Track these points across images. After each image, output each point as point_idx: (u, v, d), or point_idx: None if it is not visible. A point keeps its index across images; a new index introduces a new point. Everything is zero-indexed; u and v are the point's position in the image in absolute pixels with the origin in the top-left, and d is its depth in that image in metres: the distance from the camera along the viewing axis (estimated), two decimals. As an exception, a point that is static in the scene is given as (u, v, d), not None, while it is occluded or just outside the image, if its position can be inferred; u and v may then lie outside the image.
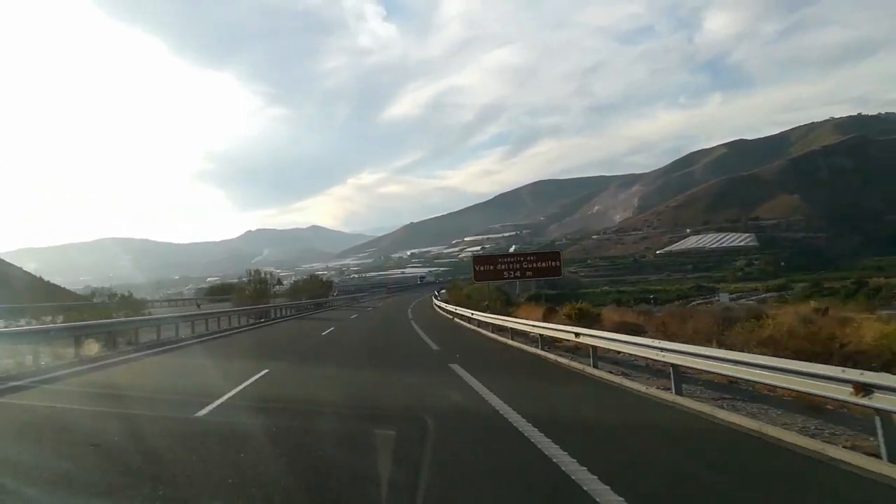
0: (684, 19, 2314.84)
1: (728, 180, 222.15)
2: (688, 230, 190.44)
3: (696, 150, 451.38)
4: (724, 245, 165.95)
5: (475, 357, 13.85)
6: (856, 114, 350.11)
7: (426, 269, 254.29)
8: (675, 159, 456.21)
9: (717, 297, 73.90)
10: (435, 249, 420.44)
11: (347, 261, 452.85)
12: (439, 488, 4.28)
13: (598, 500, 4.06)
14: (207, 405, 7.70)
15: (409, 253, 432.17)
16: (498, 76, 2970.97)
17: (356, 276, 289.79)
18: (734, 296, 75.78)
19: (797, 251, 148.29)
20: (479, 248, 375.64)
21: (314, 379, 11.35)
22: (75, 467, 5.08)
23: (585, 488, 4.28)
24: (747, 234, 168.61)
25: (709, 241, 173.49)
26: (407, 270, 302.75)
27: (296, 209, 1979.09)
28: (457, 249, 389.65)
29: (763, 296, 74.05)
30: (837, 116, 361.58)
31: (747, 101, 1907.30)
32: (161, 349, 16.47)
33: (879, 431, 4.83)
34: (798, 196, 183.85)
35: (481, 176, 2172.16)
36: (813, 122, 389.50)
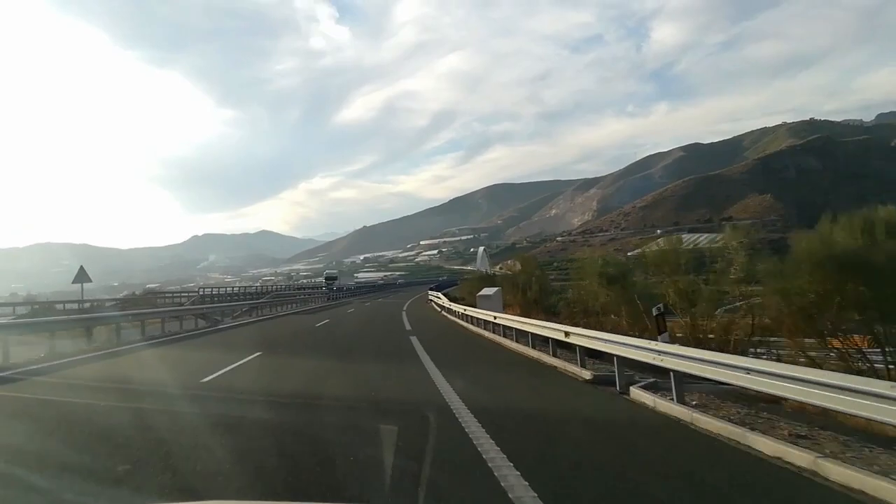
0: (633, 29, 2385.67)
1: (696, 180, 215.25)
2: (658, 231, 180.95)
3: (652, 153, 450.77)
4: (700, 246, 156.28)
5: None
6: (808, 119, 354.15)
7: (380, 274, 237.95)
8: (630, 163, 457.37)
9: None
10: (389, 253, 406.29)
11: (297, 266, 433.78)
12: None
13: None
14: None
15: (361, 258, 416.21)
16: (450, 82, 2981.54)
17: (305, 281, 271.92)
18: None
19: (775, 252, 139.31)
20: (436, 251, 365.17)
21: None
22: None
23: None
24: (722, 235, 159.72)
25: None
26: (359, 275, 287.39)
27: (246, 214, 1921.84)
28: (413, 253, 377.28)
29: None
30: (790, 121, 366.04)
31: (692, 111, 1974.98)
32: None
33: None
34: (771, 195, 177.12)
35: (435, 181, 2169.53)
36: (765, 127, 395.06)
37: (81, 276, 20.07)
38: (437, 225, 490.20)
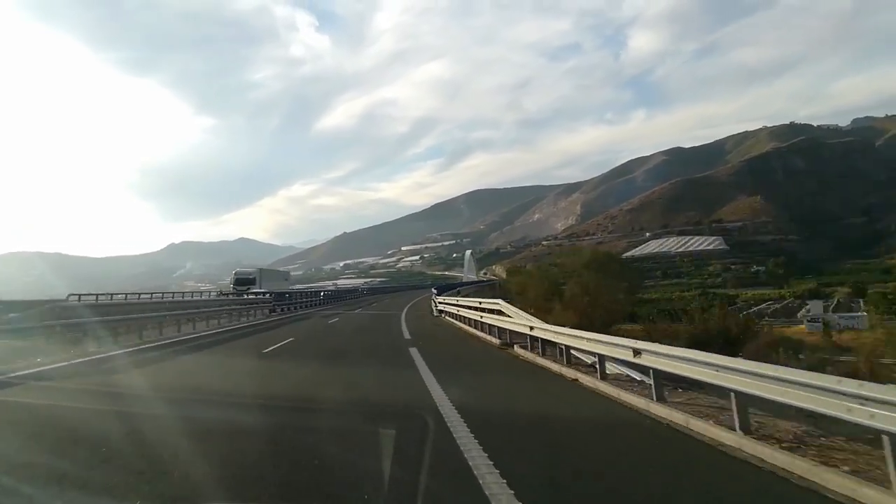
0: (610, 37, 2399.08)
1: (683, 182, 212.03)
2: (647, 234, 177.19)
3: (634, 157, 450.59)
4: (690, 249, 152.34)
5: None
6: (789, 123, 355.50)
7: (361, 281, 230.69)
8: (612, 167, 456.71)
9: (807, 311, 55.37)
10: (370, 260, 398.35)
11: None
12: None
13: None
14: None
15: (341, 264, 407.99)
16: (431, 89, 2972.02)
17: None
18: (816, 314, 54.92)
19: (770, 255, 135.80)
20: (417, 257, 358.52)
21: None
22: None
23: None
24: (715, 238, 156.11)
25: (673, 245, 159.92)
26: (339, 282, 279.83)
27: (225, 221, 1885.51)
28: (394, 259, 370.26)
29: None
30: (770, 126, 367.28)
31: (669, 117, 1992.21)
32: None
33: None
34: (761, 197, 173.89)
35: (415, 188, 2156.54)
36: (746, 131, 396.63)
37: None
38: (419, 230, 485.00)
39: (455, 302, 22.56)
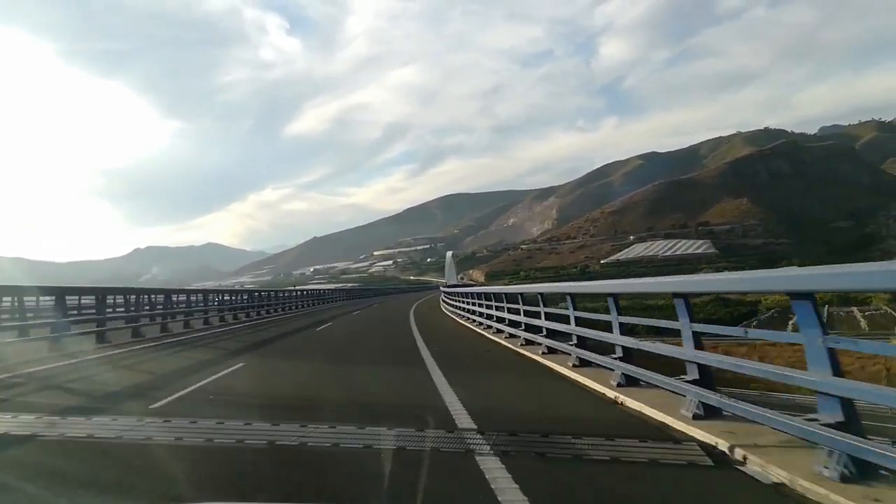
0: (582, 45, 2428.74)
1: (667, 185, 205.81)
2: (632, 237, 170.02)
3: (610, 161, 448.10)
4: (678, 253, 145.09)
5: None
6: (763, 128, 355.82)
7: (332, 286, 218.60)
8: (589, 171, 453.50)
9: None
10: (341, 265, 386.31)
11: (243, 279, 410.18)
12: None
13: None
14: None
15: (311, 269, 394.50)
16: (403, 94, 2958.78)
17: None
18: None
19: (761, 259, 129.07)
20: (390, 261, 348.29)
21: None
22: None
23: None
24: (703, 241, 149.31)
25: (659, 248, 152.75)
26: (309, 287, 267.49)
27: (193, 226, 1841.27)
28: (366, 264, 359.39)
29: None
30: (744, 131, 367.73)
31: (640, 125, 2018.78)
32: None
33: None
34: (748, 200, 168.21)
35: (388, 193, 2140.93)
36: (720, 137, 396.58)
37: None
38: (392, 235, 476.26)
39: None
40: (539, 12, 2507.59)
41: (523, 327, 11.71)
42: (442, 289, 38.18)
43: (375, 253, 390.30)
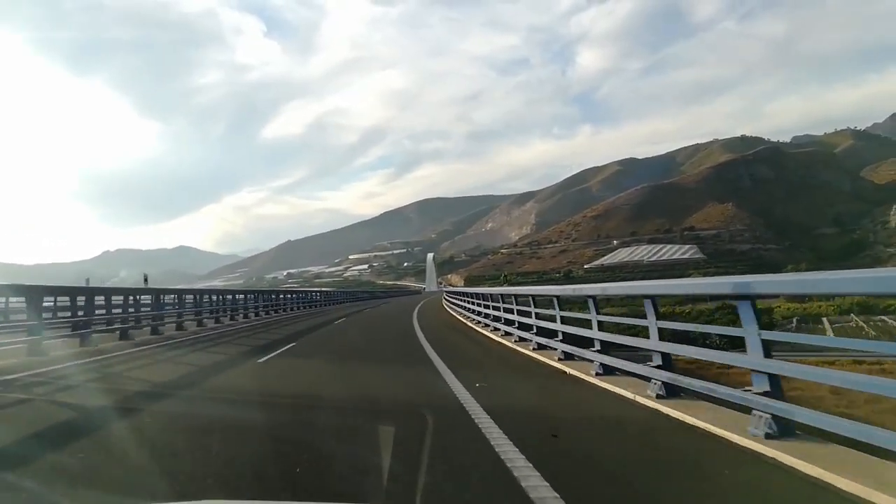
0: (558, 53, 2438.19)
1: (650, 189, 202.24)
2: (615, 241, 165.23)
3: (588, 167, 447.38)
4: (664, 258, 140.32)
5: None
6: (739, 136, 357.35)
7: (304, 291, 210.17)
8: (567, 177, 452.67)
9: None
10: (315, 269, 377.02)
11: (215, 282, 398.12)
12: None
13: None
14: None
15: (284, 273, 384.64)
16: (381, 99, 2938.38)
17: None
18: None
19: (751, 265, 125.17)
20: (366, 266, 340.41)
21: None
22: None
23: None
24: (689, 246, 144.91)
25: (644, 253, 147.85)
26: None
27: (165, 229, 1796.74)
28: (341, 268, 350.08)
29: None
30: (722, 138, 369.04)
31: (614, 133, 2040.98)
32: None
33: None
34: (733, 204, 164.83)
35: (365, 198, 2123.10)
36: (698, 144, 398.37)
37: None
38: (368, 239, 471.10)
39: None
40: (517, 20, 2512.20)
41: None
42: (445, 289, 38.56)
43: (351, 257, 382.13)
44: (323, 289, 78.75)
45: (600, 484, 3.73)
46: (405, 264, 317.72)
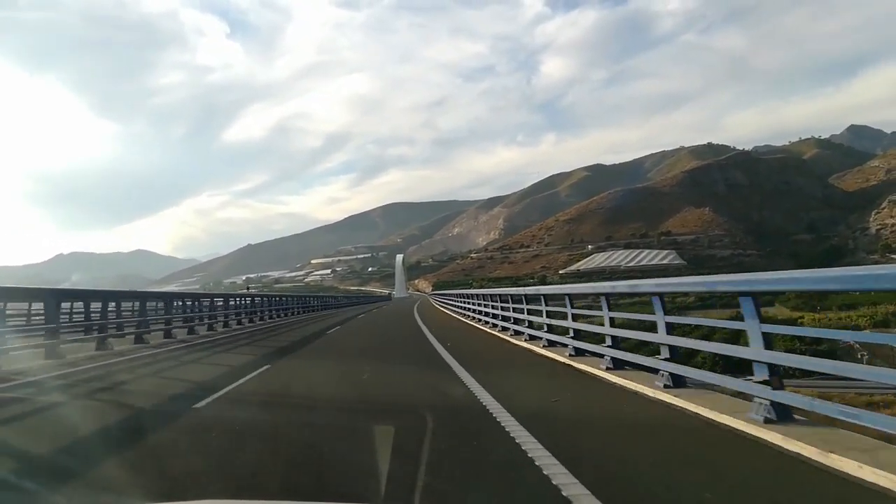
0: (523, 62, 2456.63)
1: (624, 192, 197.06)
2: (590, 246, 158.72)
3: (556, 173, 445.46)
4: (643, 264, 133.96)
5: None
6: (706, 143, 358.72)
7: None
8: (535, 182, 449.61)
9: None
10: (276, 273, 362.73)
11: (171, 287, 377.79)
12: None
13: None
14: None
15: (244, 278, 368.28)
16: (345, 104, 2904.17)
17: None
18: None
19: (733, 271, 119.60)
20: (328, 270, 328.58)
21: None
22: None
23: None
24: (667, 251, 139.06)
25: (622, 258, 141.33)
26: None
27: (122, 232, 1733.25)
28: (303, 273, 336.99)
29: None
30: (688, 146, 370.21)
31: (578, 142, 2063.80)
32: None
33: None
34: (710, 209, 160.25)
35: (328, 203, 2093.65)
36: (664, 151, 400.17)
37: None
38: (331, 243, 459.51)
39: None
40: (483, 28, 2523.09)
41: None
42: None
43: (313, 261, 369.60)
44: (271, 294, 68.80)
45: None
46: (370, 269, 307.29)
